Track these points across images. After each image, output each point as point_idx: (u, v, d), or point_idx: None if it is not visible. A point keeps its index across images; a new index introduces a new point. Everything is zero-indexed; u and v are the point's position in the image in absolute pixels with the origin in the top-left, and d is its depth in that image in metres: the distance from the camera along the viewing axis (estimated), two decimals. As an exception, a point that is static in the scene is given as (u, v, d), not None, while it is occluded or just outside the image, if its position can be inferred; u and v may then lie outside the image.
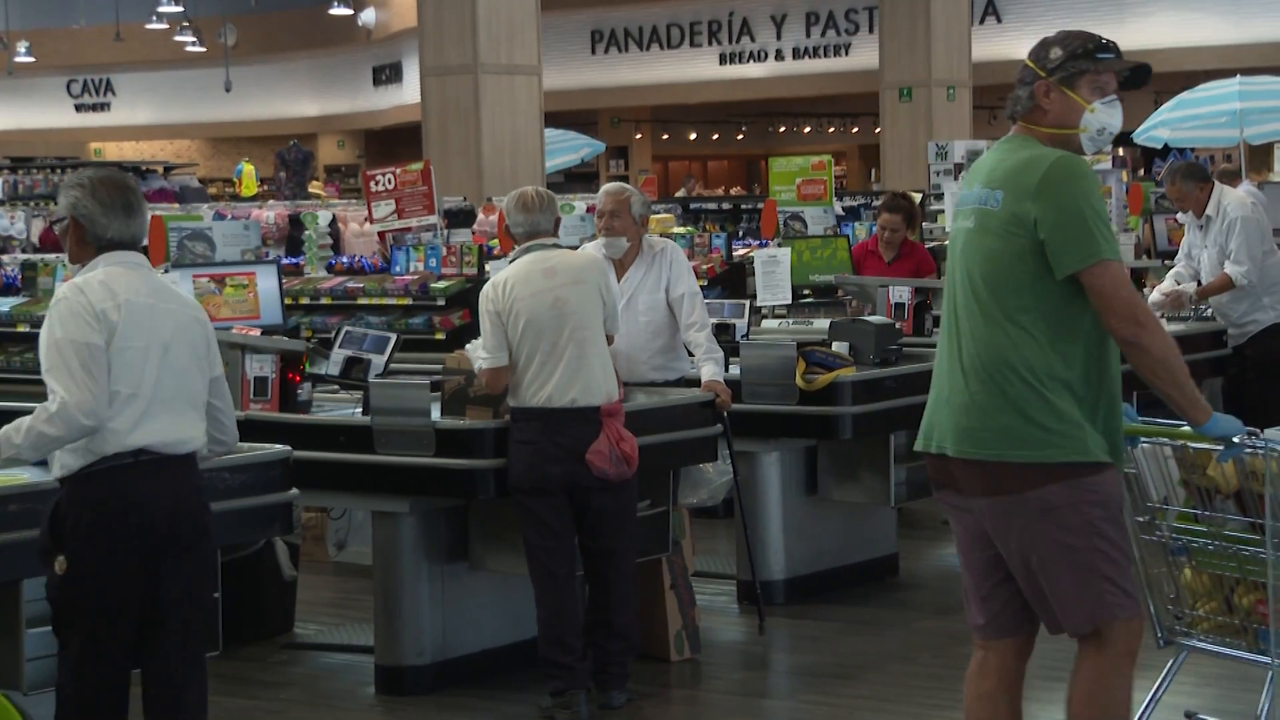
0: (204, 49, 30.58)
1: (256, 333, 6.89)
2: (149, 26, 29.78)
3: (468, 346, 6.14)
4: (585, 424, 5.68)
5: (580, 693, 5.71)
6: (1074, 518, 3.89)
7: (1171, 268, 9.26)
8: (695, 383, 6.53)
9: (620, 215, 6.52)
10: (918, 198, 13.41)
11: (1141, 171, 19.42)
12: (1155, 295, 8.77)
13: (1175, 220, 11.01)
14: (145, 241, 4.39)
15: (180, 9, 28.04)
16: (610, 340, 5.93)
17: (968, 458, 3.96)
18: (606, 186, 6.73)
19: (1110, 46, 4.04)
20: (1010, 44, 25.53)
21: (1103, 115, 4.00)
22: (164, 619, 4.25)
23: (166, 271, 7.41)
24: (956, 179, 14.12)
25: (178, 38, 30.15)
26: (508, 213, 5.93)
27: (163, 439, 4.23)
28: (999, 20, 25.66)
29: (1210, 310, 8.90)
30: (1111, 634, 3.94)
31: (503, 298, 5.73)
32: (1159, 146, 16.97)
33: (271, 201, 16.93)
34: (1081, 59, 3.99)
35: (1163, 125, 15.82)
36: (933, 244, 11.29)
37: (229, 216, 11.62)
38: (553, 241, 5.96)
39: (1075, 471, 3.87)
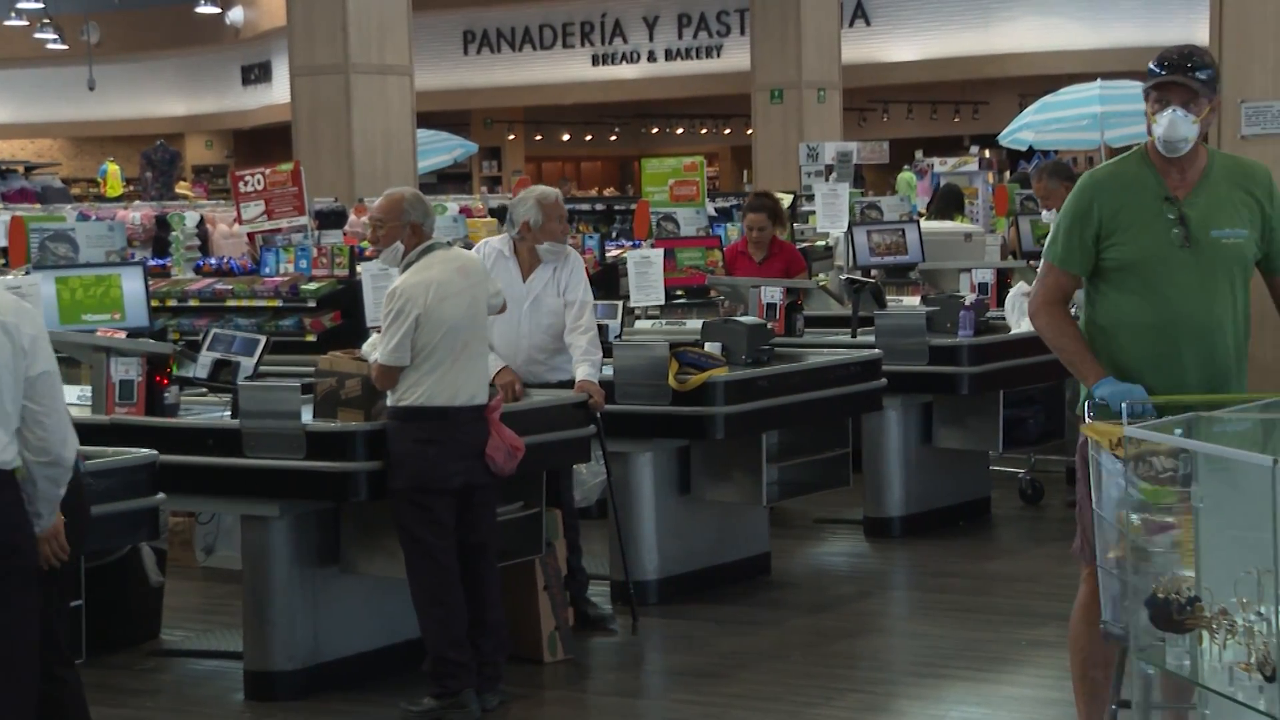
0: (66, 47, 30.01)
1: (122, 335, 6.78)
2: (8, 23, 29.22)
3: (365, 346, 5.94)
4: (480, 421, 5.72)
5: (472, 690, 5.71)
6: None
7: (1037, 266, 9.38)
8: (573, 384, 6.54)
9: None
10: (789, 199, 13.51)
11: (1007, 173, 19.73)
12: (1020, 290, 8.87)
13: (1040, 219, 11.20)
14: None
15: (40, 5, 27.53)
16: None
17: None
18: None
19: (1162, 62, 4.28)
20: (879, 47, 25.86)
21: (1158, 126, 4.31)
22: None
23: (28, 273, 7.26)
24: (827, 180, 14.24)
25: (38, 35, 29.57)
26: (411, 207, 5.77)
27: None
28: (868, 23, 25.95)
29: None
30: None
31: (429, 300, 5.62)
32: (1024, 148, 17.23)
33: (137, 202, 16.62)
34: (1148, 77, 4.29)
35: (1027, 128, 16.04)
36: (804, 244, 11.38)
37: (93, 217, 11.40)
38: (447, 240, 5.94)
39: None
